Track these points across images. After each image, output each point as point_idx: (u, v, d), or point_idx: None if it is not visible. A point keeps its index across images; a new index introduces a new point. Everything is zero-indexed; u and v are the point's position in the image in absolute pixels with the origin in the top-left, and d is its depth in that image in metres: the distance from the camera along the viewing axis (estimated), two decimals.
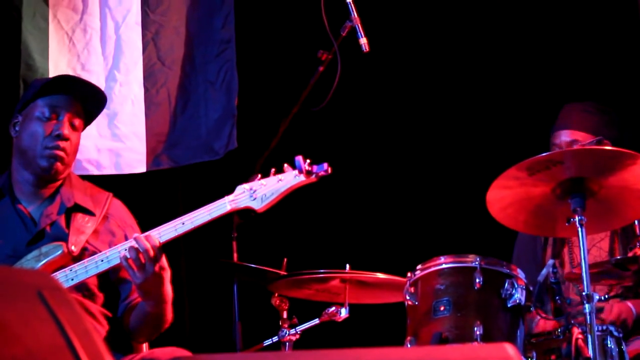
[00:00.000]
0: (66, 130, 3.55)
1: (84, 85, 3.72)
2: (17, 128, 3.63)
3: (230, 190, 3.32)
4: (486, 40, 5.58)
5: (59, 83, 3.62)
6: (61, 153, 3.56)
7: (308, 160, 3.20)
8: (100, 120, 4.43)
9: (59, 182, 3.63)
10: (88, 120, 3.72)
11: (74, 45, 4.80)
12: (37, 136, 3.55)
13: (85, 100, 3.65)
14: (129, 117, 4.76)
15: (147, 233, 3.31)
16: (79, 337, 1.84)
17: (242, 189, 3.29)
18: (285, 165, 3.25)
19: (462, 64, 5.62)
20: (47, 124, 3.55)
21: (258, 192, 3.26)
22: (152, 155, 4.77)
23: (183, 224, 3.30)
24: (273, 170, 3.28)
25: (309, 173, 3.19)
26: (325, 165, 3.18)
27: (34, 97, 3.59)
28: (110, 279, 3.57)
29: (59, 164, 3.56)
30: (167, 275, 3.33)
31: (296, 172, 3.21)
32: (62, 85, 3.60)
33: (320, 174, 3.18)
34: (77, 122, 3.62)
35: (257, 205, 3.27)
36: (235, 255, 4.40)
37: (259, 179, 3.28)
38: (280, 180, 3.24)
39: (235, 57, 4.84)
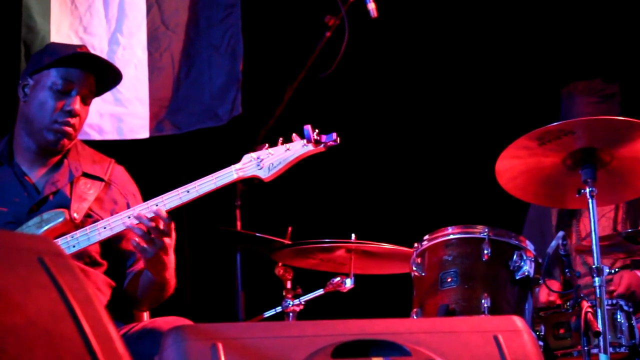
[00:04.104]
0: (77, 106, 3.47)
1: (103, 63, 3.62)
2: (26, 91, 3.52)
3: (235, 158, 3.29)
4: (499, 4, 5.52)
5: (78, 57, 3.52)
6: (69, 129, 3.48)
7: (317, 130, 3.19)
8: None
9: (64, 151, 3.56)
10: (99, 93, 3.65)
11: (76, 8, 4.73)
12: (47, 108, 3.46)
13: (100, 76, 3.57)
14: (132, 81, 4.70)
15: (151, 203, 3.26)
16: (81, 304, 1.82)
17: (249, 158, 3.27)
18: (294, 134, 3.24)
19: (473, 28, 5.59)
20: (59, 97, 3.45)
21: (265, 161, 3.24)
22: (155, 120, 4.73)
23: (188, 192, 3.27)
24: (281, 139, 3.26)
25: (317, 142, 3.18)
26: (334, 135, 3.18)
27: (48, 65, 3.49)
28: (113, 247, 3.52)
29: (65, 140, 3.49)
30: (173, 243, 3.30)
31: (304, 141, 3.20)
32: (80, 59, 3.51)
33: (329, 143, 3.18)
34: (89, 97, 3.54)
35: (264, 175, 3.25)
36: (238, 223, 4.40)
37: (267, 148, 3.25)
38: (288, 149, 3.22)
39: (240, 22, 4.79)
